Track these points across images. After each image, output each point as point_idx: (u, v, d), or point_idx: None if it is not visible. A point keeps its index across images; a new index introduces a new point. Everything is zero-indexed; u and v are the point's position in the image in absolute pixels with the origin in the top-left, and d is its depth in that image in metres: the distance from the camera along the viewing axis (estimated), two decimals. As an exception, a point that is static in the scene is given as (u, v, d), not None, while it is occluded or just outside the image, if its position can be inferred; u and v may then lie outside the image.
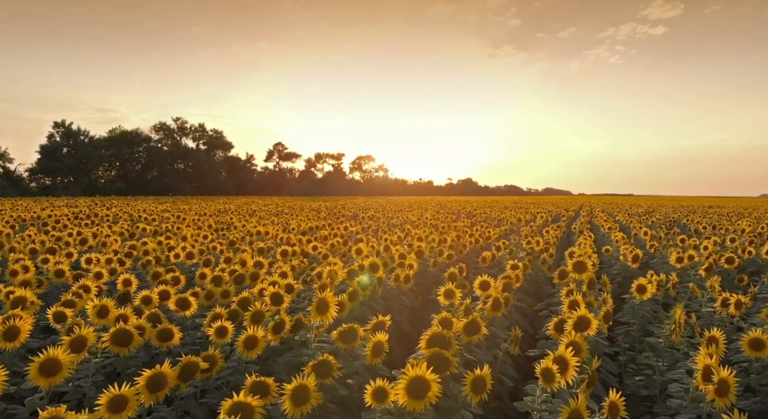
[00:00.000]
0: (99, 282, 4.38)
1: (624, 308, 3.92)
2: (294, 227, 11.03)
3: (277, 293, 3.34)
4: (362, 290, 3.76)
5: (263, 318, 3.00)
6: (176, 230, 9.52)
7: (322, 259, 5.98)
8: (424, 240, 7.77)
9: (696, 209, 26.00)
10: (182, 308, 3.34)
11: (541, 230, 12.02)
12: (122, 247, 6.62)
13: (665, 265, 6.73)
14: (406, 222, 14.20)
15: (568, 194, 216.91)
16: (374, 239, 7.68)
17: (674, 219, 16.63)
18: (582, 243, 7.61)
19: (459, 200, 45.58)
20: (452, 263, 6.53)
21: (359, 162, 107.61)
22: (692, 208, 28.63)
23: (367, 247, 6.10)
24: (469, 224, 12.93)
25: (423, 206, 26.14)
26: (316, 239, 8.44)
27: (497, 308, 3.18)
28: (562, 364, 2.16)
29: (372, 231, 10.25)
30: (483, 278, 3.87)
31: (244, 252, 6.12)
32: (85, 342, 2.51)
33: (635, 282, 3.75)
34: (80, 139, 62.95)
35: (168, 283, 4.29)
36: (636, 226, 12.11)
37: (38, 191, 53.82)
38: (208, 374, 2.50)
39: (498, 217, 16.41)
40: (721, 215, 20.25)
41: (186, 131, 76.75)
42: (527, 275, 5.26)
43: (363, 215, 17.09)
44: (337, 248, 7.04)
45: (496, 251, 6.94)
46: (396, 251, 5.91)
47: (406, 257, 5.66)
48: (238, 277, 4.30)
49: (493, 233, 9.89)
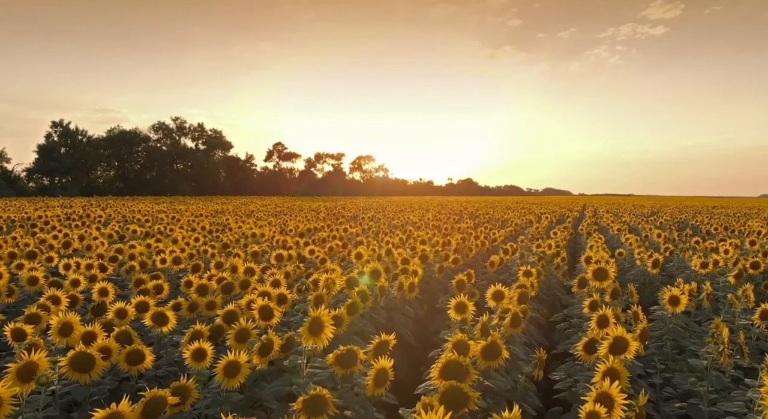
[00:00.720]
0: (75, 291, 4.00)
1: (654, 321, 3.53)
2: (292, 228, 10.64)
3: (266, 306, 2.95)
4: (362, 301, 3.38)
5: (249, 337, 2.61)
6: (169, 232, 9.13)
7: (319, 264, 5.59)
8: (428, 243, 7.38)
9: (701, 210, 25.60)
10: (158, 323, 2.95)
11: (548, 232, 11.64)
12: (108, 251, 6.24)
13: (685, 270, 6.34)
14: (408, 223, 13.81)
15: (569, 194, 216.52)
16: (375, 242, 7.29)
17: (682, 220, 16.24)
18: (594, 246, 7.23)
19: (460, 201, 45.19)
20: (459, 268, 6.15)
21: (359, 162, 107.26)
22: (696, 208, 28.24)
23: (368, 250, 5.71)
24: (473, 226, 12.54)
25: (424, 207, 25.76)
26: (314, 241, 8.05)
27: (517, 325, 2.79)
28: (607, 402, 1.77)
29: (372, 233, 9.87)
30: (496, 288, 3.49)
31: (237, 257, 5.74)
32: (35, 370, 2.12)
33: (667, 292, 3.37)
34: (78, 139, 62.52)
35: (150, 292, 3.91)
36: (646, 227, 11.72)
37: (36, 191, 53.43)
38: (180, 407, 2.12)
39: (501, 218, 16.02)
40: (728, 216, 19.87)
41: (185, 130, 76.35)
42: (540, 282, 4.88)
43: (363, 216, 16.70)
44: (336, 252, 6.66)
45: (504, 254, 6.55)
46: (398, 256, 5.52)
47: (410, 262, 5.27)
48: (226, 286, 3.91)
49: (499, 235, 9.50)
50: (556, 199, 66.92)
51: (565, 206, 31.19)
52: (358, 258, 5.27)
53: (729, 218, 18.14)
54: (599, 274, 3.94)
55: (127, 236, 8.43)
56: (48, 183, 59.83)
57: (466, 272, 4.63)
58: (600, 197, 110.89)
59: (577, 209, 28.03)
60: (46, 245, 6.85)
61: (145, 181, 67.68)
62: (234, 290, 4.00)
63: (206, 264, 5.48)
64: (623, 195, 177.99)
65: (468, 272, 4.64)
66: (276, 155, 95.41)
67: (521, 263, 5.69)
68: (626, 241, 8.81)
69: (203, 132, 78.15)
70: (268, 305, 2.96)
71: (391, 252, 5.65)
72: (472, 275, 4.70)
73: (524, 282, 3.88)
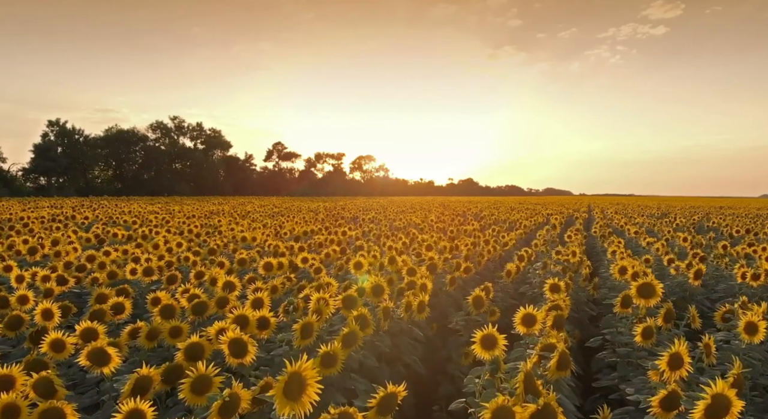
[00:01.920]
0: (22, 309, 3.35)
1: (722, 352, 2.86)
2: (287, 231, 9.98)
3: (238, 340, 2.29)
4: (362, 328, 2.71)
5: (209, 389, 1.94)
6: (154, 235, 8.46)
7: (314, 274, 4.92)
8: (434, 249, 6.71)
9: (710, 211, 24.90)
10: (97, 363, 2.28)
11: (561, 235, 10.96)
12: (77, 259, 5.57)
13: (722, 280, 5.67)
14: (410, 225, 13.14)
15: (569, 194, 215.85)
16: (376, 247, 6.63)
17: (695, 221, 15.57)
18: (616, 252, 6.56)
19: (462, 201, 44.52)
20: (470, 278, 5.48)
21: (359, 162, 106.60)
22: (704, 209, 27.55)
23: (368, 257, 5.04)
24: (479, 228, 11.88)
25: (426, 207, 25.08)
26: (309, 246, 7.38)
27: (565, 367, 2.13)
28: None
29: (373, 236, 9.21)
30: (527, 311, 2.83)
31: (221, 266, 5.07)
32: None
33: (743, 318, 2.69)
34: (75, 138, 61.69)
35: (105, 313, 3.25)
36: (664, 230, 11.05)
37: (33, 191, 52.71)
38: None
39: (508, 219, 15.33)
40: (741, 217, 19.21)
41: (183, 130, 75.59)
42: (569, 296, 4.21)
43: (363, 218, 16.04)
44: (333, 259, 5.99)
45: (519, 261, 5.89)
46: (403, 264, 4.85)
47: (416, 272, 4.61)
48: (198, 306, 3.24)
49: (509, 238, 8.83)
50: (560, 199, 66.21)
51: (571, 207, 30.50)
52: (357, 268, 4.61)
53: (743, 219, 17.47)
54: (645, 291, 3.28)
55: (107, 239, 7.77)
56: (45, 183, 59.13)
57: (484, 285, 3.96)
58: (601, 197, 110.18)
59: (583, 209, 27.32)
60: (13, 251, 6.19)
61: (143, 181, 66.88)
62: (208, 310, 3.33)
63: (186, 274, 4.82)
64: (624, 195, 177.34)
65: (485, 286, 3.97)
66: (276, 154, 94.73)
67: (543, 274, 5.02)
68: (648, 245, 8.13)
69: (202, 131, 77.40)
70: (240, 338, 2.29)
71: (395, 260, 4.98)
72: (489, 290, 4.03)
73: (556, 302, 3.20)
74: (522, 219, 14.50)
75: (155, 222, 11.21)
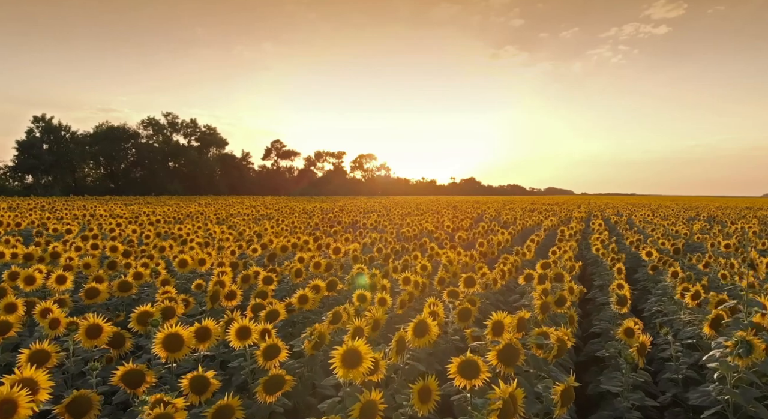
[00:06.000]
0: None
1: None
2: (265, 242, 7.46)
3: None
4: None
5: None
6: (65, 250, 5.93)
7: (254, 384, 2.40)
8: (478, 282, 4.19)
9: (728, 212, 22.34)
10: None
11: (607, 246, 8.45)
12: None
13: None
14: (423, 233, 10.60)
15: (571, 193, 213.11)
16: (385, 281, 4.13)
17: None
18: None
19: (468, 201, 41.94)
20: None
21: (360, 161, 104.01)
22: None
23: (370, 328, 2.50)
24: (509, 238, 9.35)
25: (434, 209, 22.50)
26: (281, 279, 4.84)
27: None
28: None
29: (378, 252, 6.67)
30: None
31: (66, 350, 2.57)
32: None
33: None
34: (62, 134, 58.85)
35: None
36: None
37: (21, 190, 50.07)
38: None
39: (541, 223, 12.73)
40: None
41: (177, 126, 72.81)
42: None
43: (364, 222, 13.49)
44: (309, 319, 3.47)
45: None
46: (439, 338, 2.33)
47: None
48: None
49: (575, 263, 6.31)
50: (566, 198, 63.65)
51: (583, 208, 27.94)
52: (349, 365, 2.08)
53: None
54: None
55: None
56: (33, 182, 56.49)
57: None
58: (602, 196, 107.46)
59: (597, 210, 24.79)
60: None
61: (134, 180, 64.22)
62: None
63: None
64: (625, 195, 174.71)
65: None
66: (274, 153, 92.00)
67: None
68: None
69: (196, 128, 74.62)
70: None
71: (427, 330, 2.45)
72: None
73: None
74: (558, 223, 11.94)
75: (95, 232, 8.61)
